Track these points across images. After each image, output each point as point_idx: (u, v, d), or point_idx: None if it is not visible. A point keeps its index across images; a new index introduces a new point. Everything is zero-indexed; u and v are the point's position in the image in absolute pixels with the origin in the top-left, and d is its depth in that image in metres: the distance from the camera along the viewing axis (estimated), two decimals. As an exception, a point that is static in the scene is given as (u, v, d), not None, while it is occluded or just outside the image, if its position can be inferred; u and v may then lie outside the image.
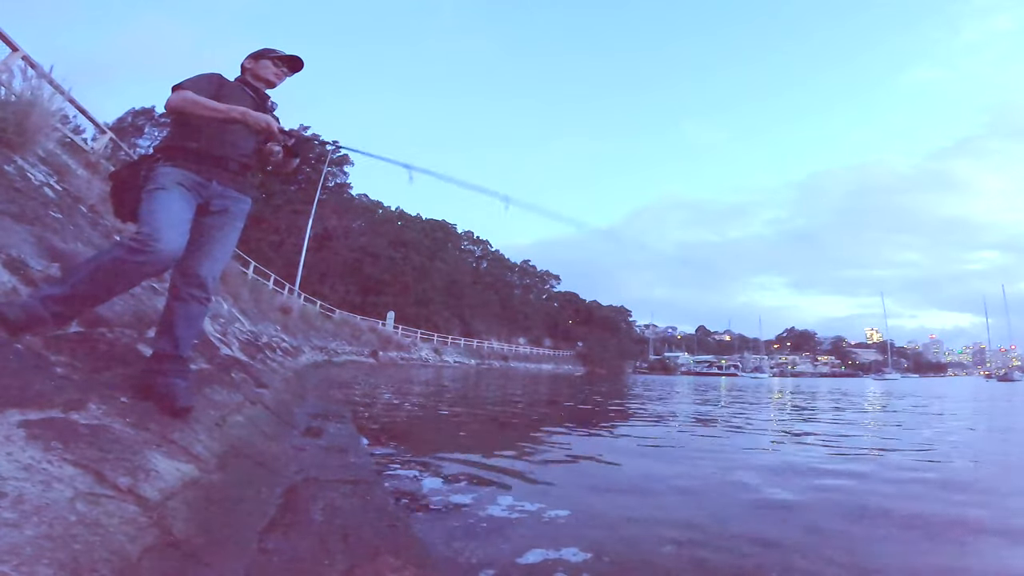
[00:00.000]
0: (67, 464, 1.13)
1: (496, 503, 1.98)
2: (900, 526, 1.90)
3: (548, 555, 1.49)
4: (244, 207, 2.04)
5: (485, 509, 1.90)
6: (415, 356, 28.06)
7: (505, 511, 1.88)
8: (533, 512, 1.89)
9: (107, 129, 12.22)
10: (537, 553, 1.49)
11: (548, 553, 1.50)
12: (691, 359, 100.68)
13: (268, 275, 20.84)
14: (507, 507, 1.93)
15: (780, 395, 12.46)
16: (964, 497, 2.36)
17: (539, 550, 1.52)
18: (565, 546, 1.56)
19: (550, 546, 1.55)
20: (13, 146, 3.55)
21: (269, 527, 1.45)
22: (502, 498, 2.06)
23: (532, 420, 5.08)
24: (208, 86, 1.95)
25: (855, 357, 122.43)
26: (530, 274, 68.31)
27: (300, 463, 2.21)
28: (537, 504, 1.98)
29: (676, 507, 2.08)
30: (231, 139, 1.96)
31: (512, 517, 1.82)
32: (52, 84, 5.07)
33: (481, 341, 43.60)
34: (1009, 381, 41.30)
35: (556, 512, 1.89)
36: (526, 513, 1.87)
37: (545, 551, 1.51)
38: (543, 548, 1.53)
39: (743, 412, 6.90)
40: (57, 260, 2.37)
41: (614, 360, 64.85)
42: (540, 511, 1.90)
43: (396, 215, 50.21)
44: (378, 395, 6.85)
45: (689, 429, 4.96)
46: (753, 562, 1.51)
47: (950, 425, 5.83)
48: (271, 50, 2.16)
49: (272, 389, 3.71)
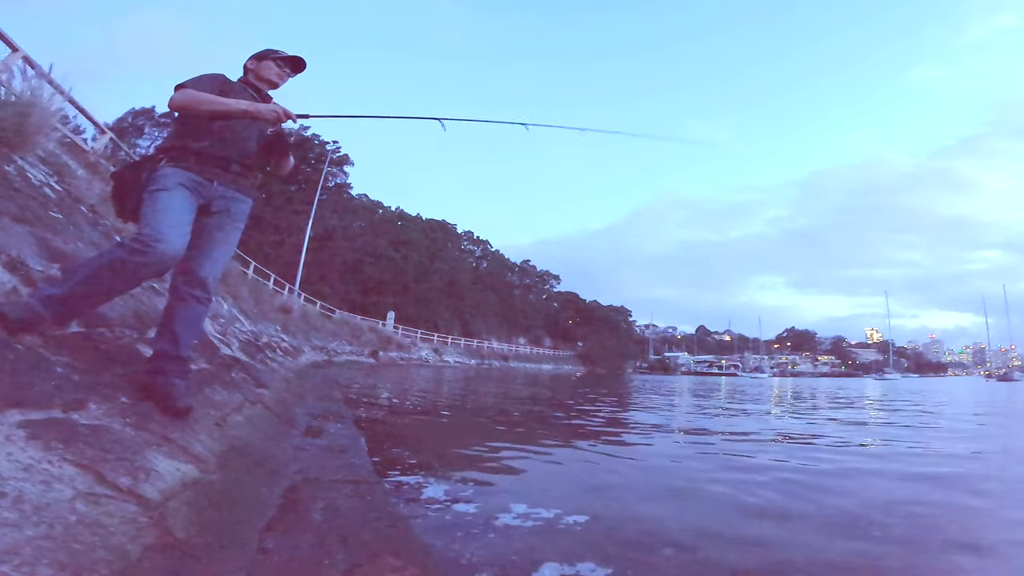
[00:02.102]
0: (67, 464, 1.13)
1: (496, 504, 1.98)
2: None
3: (549, 557, 1.48)
4: (245, 208, 2.04)
5: (485, 510, 1.90)
6: (415, 356, 28.06)
7: (506, 512, 1.88)
8: (533, 513, 1.89)
9: (107, 129, 12.22)
10: (548, 565, 1.48)
11: (559, 566, 1.48)
12: (691, 359, 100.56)
13: (268, 275, 20.84)
14: (507, 509, 1.93)
15: (811, 404, 12.38)
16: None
17: (540, 552, 1.51)
18: (566, 545, 1.56)
19: (551, 547, 1.55)
20: (13, 146, 3.54)
21: (269, 527, 1.45)
22: (502, 499, 2.06)
23: (532, 421, 5.08)
24: (212, 85, 1.95)
25: (855, 357, 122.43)
26: (530, 274, 68.32)
27: (300, 463, 2.21)
28: (537, 505, 1.98)
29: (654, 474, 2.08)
30: (233, 140, 1.96)
31: (513, 518, 1.82)
32: (52, 84, 5.07)
33: (481, 341, 43.61)
34: (1009, 381, 41.31)
35: (557, 513, 1.89)
36: (526, 514, 1.87)
37: (546, 552, 1.51)
38: (544, 549, 1.53)
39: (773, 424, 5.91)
40: (57, 260, 2.37)
41: (614, 360, 64.88)
42: (540, 512, 1.90)
43: (396, 215, 50.18)
44: (378, 395, 6.85)
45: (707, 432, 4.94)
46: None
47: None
48: (274, 51, 2.16)
49: (272, 389, 3.71)
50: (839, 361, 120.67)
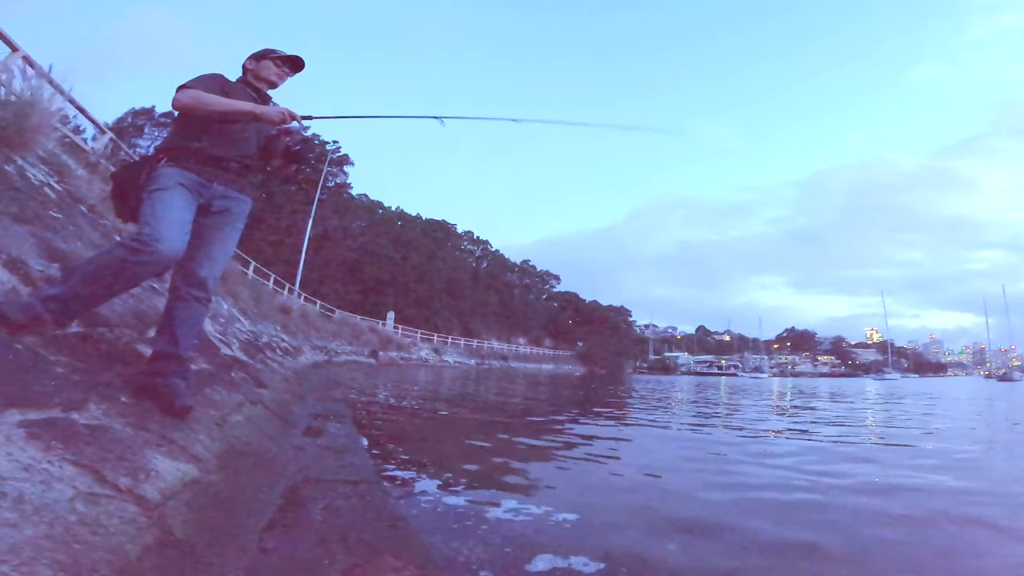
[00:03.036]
0: (67, 464, 1.13)
1: (496, 504, 1.98)
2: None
3: (552, 559, 1.48)
4: (245, 208, 2.04)
5: (485, 510, 1.90)
6: (415, 356, 28.05)
7: (506, 512, 1.88)
8: (534, 513, 1.88)
9: (107, 129, 12.21)
10: (541, 557, 1.48)
11: (553, 558, 1.48)
12: (691, 359, 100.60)
13: (268, 275, 20.84)
14: (508, 508, 1.93)
15: (820, 406, 12.33)
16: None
17: (542, 553, 1.51)
18: (567, 547, 1.56)
19: (552, 547, 1.55)
20: (13, 146, 3.54)
21: (269, 527, 1.45)
22: (503, 499, 2.06)
23: (532, 421, 5.08)
24: (214, 85, 1.95)
25: (855, 357, 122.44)
26: (530, 274, 68.29)
27: (300, 463, 2.21)
28: (537, 505, 1.98)
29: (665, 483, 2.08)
30: (233, 140, 1.96)
31: (513, 518, 1.82)
32: (52, 84, 5.07)
33: (481, 341, 43.59)
34: (1008, 381, 41.33)
35: (557, 513, 1.89)
36: (527, 514, 1.87)
37: (547, 553, 1.51)
38: (545, 550, 1.53)
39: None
40: (57, 260, 2.37)
41: (614, 360, 64.86)
42: (541, 512, 1.90)
43: (396, 215, 50.17)
44: (378, 395, 6.85)
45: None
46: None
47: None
48: (272, 50, 2.16)
49: (272, 389, 3.71)
50: (839, 361, 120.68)
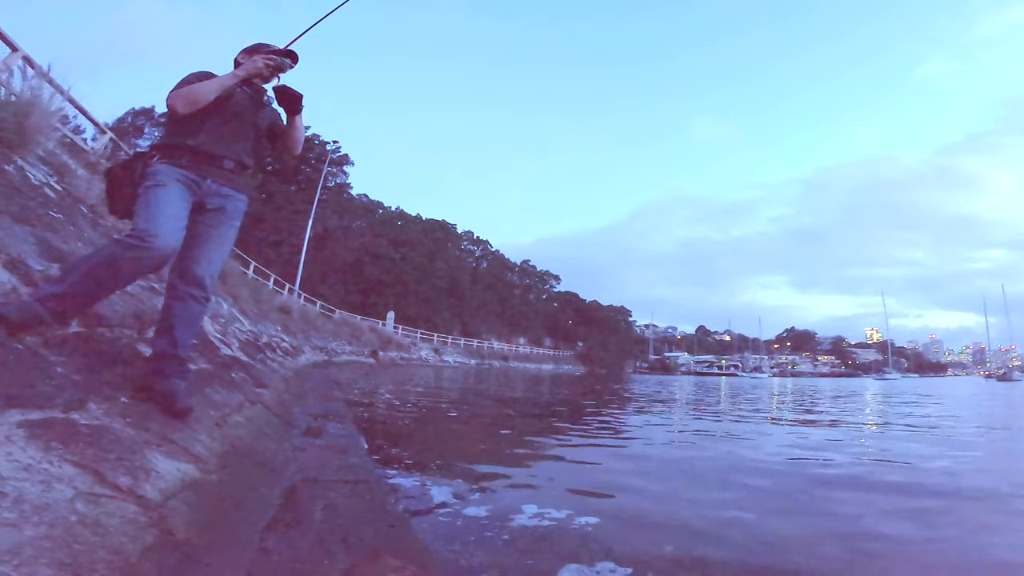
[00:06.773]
0: (67, 464, 1.13)
1: (496, 504, 1.98)
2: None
3: (551, 558, 1.48)
4: (240, 205, 2.03)
5: (485, 509, 1.90)
6: (415, 356, 28.04)
7: (506, 512, 1.88)
8: (534, 513, 1.89)
9: (107, 129, 12.20)
10: (543, 557, 1.48)
11: (560, 560, 1.48)
12: (691, 359, 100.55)
13: (268, 275, 20.83)
14: (508, 508, 1.93)
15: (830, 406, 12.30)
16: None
17: (544, 553, 1.51)
18: (568, 547, 1.56)
19: (552, 548, 1.55)
20: (13, 146, 3.54)
21: (269, 527, 1.45)
22: (502, 499, 2.06)
23: (531, 421, 5.07)
24: (203, 77, 1.95)
25: (855, 357, 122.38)
26: (530, 274, 68.22)
27: (300, 463, 2.21)
28: (537, 505, 1.98)
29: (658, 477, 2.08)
30: (228, 138, 1.96)
31: (512, 518, 1.82)
32: (52, 84, 5.07)
33: (481, 341, 43.59)
34: (1008, 381, 41.33)
35: (557, 513, 1.89)
36: (527, 514, 1.87)
37: (547, 553, 1.51)
38: (552, 551, 1.53)
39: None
40: (57, 260, 2.36)
41: (614, 360, 64.86)
42: (541, 512, 1.90)
43: (396, 215, 50.13)
44: (378, 395, 6.85)
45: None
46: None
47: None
48: (266, 45, 2.15)
49: (272, 389, 3.71)
50: (839, 361, 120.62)
